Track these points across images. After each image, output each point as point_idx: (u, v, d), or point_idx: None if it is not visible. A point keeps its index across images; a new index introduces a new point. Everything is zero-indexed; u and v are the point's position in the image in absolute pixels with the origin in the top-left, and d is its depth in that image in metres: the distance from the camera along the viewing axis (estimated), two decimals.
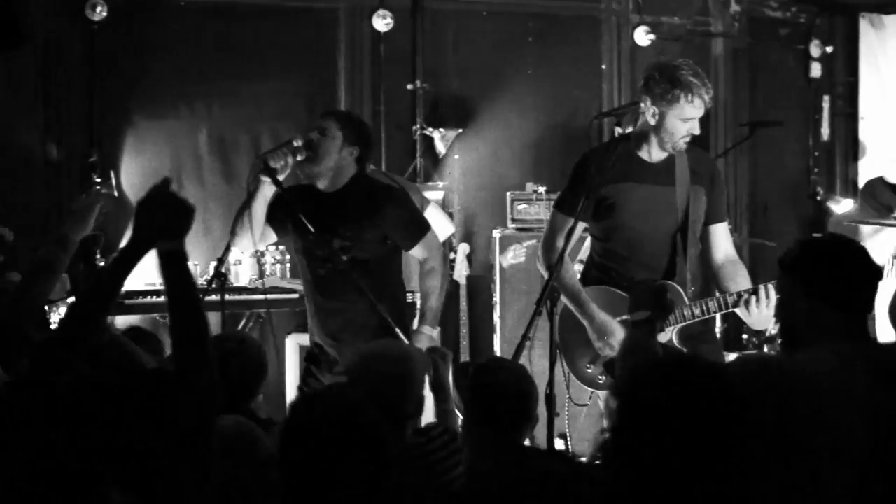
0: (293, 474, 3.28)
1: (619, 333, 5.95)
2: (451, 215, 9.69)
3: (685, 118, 5.86)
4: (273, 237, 6.61)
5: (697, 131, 5.94)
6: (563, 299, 6.03)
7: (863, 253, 3.80)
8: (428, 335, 6.36)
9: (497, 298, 9.10)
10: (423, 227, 6.51)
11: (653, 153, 6.04)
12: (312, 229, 6.20)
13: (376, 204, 6.36)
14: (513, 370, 4.96)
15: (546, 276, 5.89)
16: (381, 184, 6.67)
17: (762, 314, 5.67)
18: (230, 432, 3.84)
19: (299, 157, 6.34)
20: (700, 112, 5.88)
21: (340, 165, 6.37)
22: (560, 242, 5.94)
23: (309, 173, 6.41)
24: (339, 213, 6.33)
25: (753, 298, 5.70)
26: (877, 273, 3.77)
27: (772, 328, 8.57)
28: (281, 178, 6.28)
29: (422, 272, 6.53)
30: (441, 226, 8.24)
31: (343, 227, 6.31)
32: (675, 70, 5.86)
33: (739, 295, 5.79)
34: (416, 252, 6.49)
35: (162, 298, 8.58)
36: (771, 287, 5.66)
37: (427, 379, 5.22)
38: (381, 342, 5.72)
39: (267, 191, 6.31)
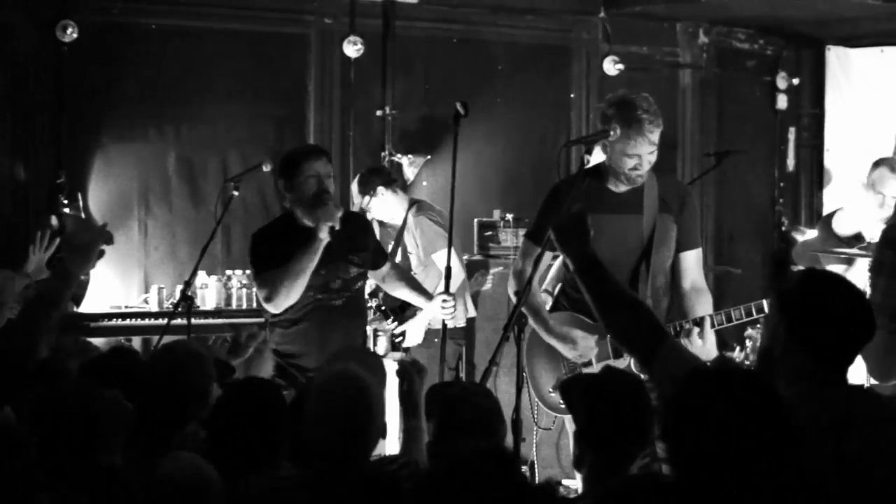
0: None
1: (580, 338, 6.04)
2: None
3: (628, 153, 5.89)
4: None
5: (645, 167, 5.95)
6: (531, 322, 6.07)
7: (861, 305, 3.61)
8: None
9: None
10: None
11: (619, 184, 6.08)
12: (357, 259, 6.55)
13: (362, 230, 6.69)
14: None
15: (515, 300, 5.91)
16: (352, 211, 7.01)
17: (704, 346, 5.71)
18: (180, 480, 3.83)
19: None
20: (645, 149, 5.88)
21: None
22: (528, 269, 5.97)
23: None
24: (349, 244, 6.49)
25: (696, 330, 5.74)
26: (870, 333, 3.60)
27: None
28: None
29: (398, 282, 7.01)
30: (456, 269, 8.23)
31: (355, 256, 6.52)
32: (625, 105, 5.88)
33: (681, 326, 5.83)
34: (385, 269, 6.85)
35: (127, 321, 8.69)
36: (709, 319, 5.74)
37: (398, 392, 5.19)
38: (340, 368, 5.74)
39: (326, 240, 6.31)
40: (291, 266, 6.24)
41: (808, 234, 10.05)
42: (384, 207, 8.46)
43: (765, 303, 5.85)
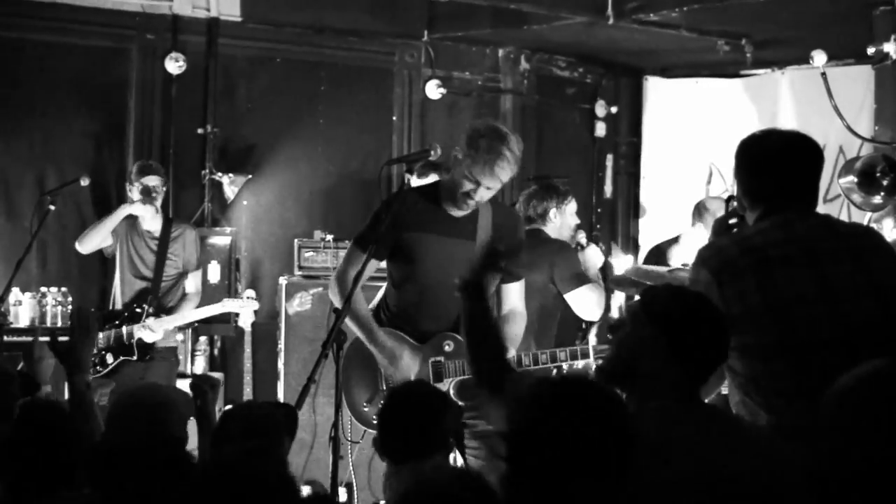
0: None
1: (406, 357, 6.04)
2: (237, 261, 9.69)
3: (472, 177, 5.86)
4: None
5: (477, 198, 5.93)
6: (353, 329, 6.02)
7: (725, 325, 3.79)
8: None
9: (282, 345, 9.06)
10: None
11: (454, 208, 6.06)
12: None
13: None
14: None
15: (339, 306, 5.87)
16: None
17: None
18: None
19: None
20: (488, 182, 5.85)
21: None
22: (351, 273, 5.93)
23: None
24: None
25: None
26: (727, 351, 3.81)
27: None
28: None
29: None
30: None
31: None
32: (495, 134, 5.88)
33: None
34: None
35: None
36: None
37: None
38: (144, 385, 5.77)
39: None
40: None
41: (624, 260, 10.24)
42: None
43: (590, 349, 6.03)
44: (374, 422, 5.93)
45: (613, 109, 11.56)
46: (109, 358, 8.30)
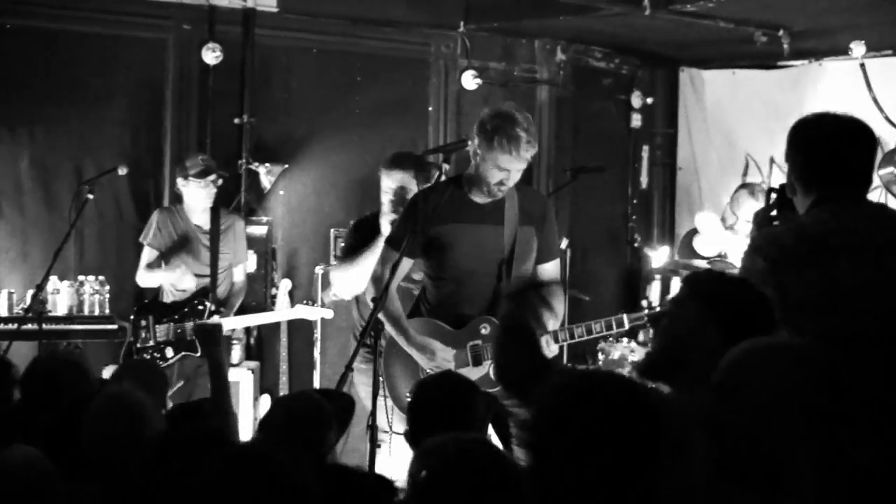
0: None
1: (439, 349, 6.11)
2: (273, 251, 9.72)
3: (500, 166, 5.96)
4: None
5: (510, 183, 6.04)
6: (387, 327, 6.11)
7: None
8: None
9: (318, 334, 9.07)
10: None
11: (481, 195, 6.13)
12: None
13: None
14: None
15: (372, 306, 5.93)
16: None
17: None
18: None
19: None
20: (515, 165, 5.97)
21: None
22: (386, 275, 6.02)
23: None
24: None
25: (545, 339, 5.87)
26: None
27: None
28: None
29: None
30: None
31: None
32: (506, 120, 5.95)
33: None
34: None
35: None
36: (566, 332, 6.08)
37: None
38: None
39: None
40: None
41: (661, 251, 10.23)
42: None
43: (625, 317, 6.03)
44: None
45: (649, 100, 11.54)
46: (170, 352, 8.30)
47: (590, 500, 2.83)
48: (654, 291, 9.52)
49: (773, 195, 4.71)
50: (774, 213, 4.69)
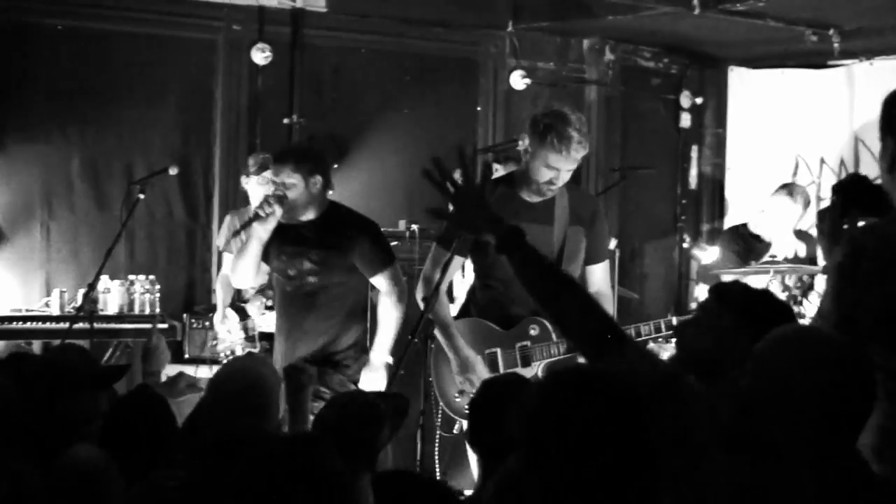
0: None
1: (480, 369, 6.09)
2: None
3: (549, 165, 5.95)
4: (265, 268, 6.94)
5: (560, 182, 6.03)
6: (436, 333, 6.13)
7: None
8: (376, 364, 6.68)
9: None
10: (387, 260, 6.81)
11: (531, 194, 6.13)
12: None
13: (349, 233, 6.72)
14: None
15: (422, 307, 5.95)
16: (356, 215, 7.01)
17: None
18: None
19: (279, 214, 6.60)
20: (566, 165, 5.95)
21: (313, 197, 6.68)
22: (436, 275, 6.02)
23: (292, 218, 6.70)
24: (313, 239, 6.69)
25: None
26: None
27: None
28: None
29: (379, 303, 6.83)
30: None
31: (314, 251, 6.67)
32: (559, 119, 5.94)
33: None
34: (377, 282, 6.79)
35: (27, 325, 8.58)
36: None
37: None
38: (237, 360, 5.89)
39: (263, 235, 6.64)
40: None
41: (710, 252, 10.19)
42: None
43: (673, 319, 6.01)
44: (467, 412, 6.00)
45: (698, 100, 11.49)
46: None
47: (590, 500, 2.82)
48: (702, 292, 9.48)
49: (837, 195, 4.45)
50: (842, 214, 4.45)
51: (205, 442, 4.02)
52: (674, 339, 7.95)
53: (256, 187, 8.41)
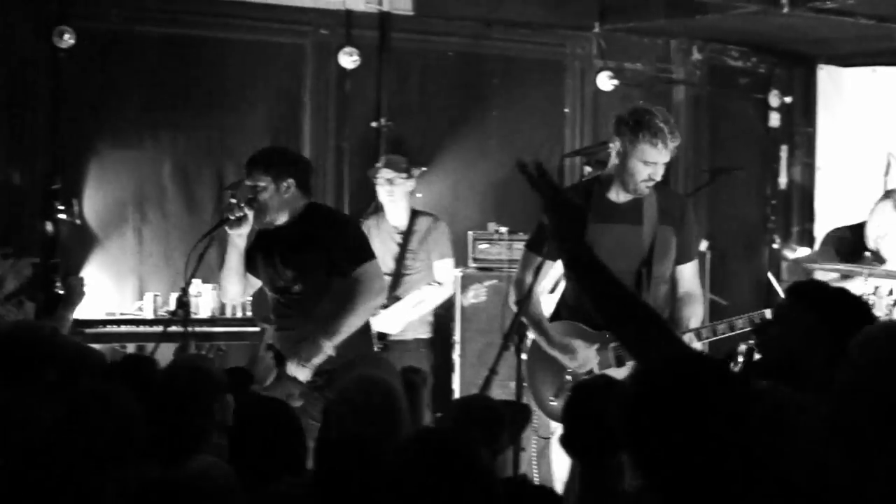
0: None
1: (581, 348, 6.13)
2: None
3: (646, 161, 5.97)
4: (256, 282, 6.91)
5: (658, 177, 6.05)
6: (531, 333, 6.14)
7: None
8: (317, 342, 6.45)
9: (457, 337, 9.11)
10: (363, 257, 6.62)
11: (620, 194, 6.14)
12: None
13: (321, 233, 6.60)
14: None
15: (515, 310, 5.96)
16: (332, 214, 7.05)
17: None
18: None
19: (251, 219, 6.63)
20: (662, 157, 5.98)
21: (285, 201, 6.62)
22: (528, 279, 6.04)
23: (265, 224, 6.68)
24: (290, 245, 6.62)
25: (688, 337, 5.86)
26: None
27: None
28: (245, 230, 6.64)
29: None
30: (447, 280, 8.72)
31: (293, 257, 6.60)
32: (646, 114, 5.99)
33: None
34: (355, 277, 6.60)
35: (122, 328, 8.68)
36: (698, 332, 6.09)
37: None
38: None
39: (238, 242, 6.69)
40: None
41: (800, 253, 10.10)
42: None
43: (766, 312, 5.95)
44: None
45: (787, 99, 11.38)
46: None
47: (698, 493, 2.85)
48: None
49: None
50: None
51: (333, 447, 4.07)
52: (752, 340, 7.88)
53: (378, 188, 8.63)
